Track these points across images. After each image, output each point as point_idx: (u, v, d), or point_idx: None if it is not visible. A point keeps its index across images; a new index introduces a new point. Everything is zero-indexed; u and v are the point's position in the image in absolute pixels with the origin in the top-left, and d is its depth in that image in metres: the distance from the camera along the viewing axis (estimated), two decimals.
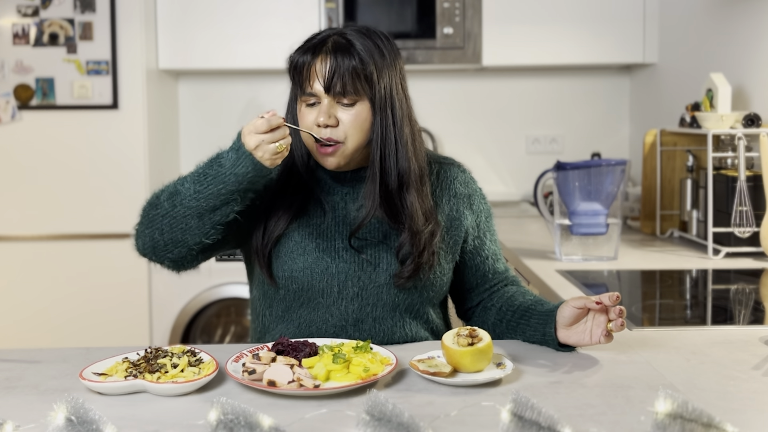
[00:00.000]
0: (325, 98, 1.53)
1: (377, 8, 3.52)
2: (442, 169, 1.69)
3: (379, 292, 1.57)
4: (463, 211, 1.66)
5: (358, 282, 1.57)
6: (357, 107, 1.54)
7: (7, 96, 3.28)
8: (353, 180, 1.63)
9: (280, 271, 1.59)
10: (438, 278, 1.62)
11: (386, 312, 1.59)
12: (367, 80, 1.53)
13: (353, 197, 1.62)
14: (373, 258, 1.58)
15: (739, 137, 2.46)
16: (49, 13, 3.26)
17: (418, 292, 1.60)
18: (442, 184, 1.67)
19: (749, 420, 1.19)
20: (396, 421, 1.05)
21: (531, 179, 3.70)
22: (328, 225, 1.60)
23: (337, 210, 1.61)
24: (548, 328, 1.49)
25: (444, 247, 1.63)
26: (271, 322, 1.64)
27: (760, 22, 2.65)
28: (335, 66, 1.51)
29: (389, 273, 1.57)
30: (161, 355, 1.40)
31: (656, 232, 2.92)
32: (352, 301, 1.57)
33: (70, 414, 1.09)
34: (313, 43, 1.56)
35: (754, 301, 2.11)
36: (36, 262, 3.33)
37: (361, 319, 1.58)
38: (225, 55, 3.52)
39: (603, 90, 3.94)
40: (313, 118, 1.54)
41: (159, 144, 3.53)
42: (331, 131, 1.53)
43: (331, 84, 1.51)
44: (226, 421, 1.07)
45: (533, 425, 1.05)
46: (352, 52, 1.52)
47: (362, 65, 1.52)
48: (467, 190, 1.69)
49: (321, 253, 1.57)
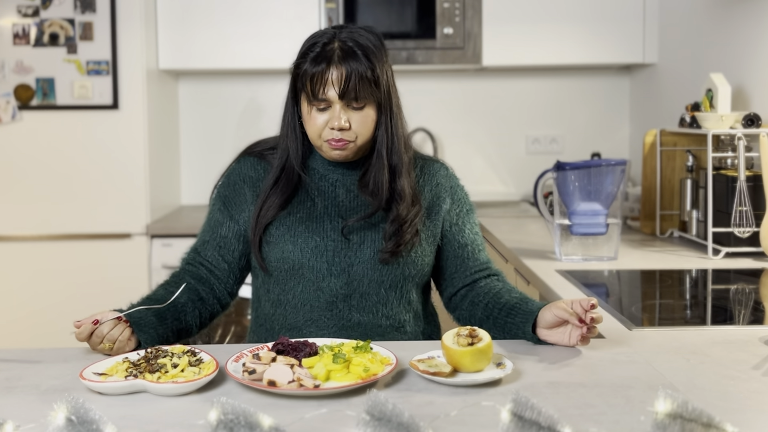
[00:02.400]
0: (338, 103, 1.63)
1: (377, 8, 3.52)
2: (426, 164, 1.81)
3: (365, 267, 1.68)
4: (444, 198, 1.78)
5: (346, 258, 1.68)
6: (366, 109, 1.65)
7: (7, 96, 3.29)
8: (343, 168, 1.74)
9: (272, 254, 1.70)
10: (419, 258, 1.71)
11: (372, 288, 1.69)
12: (375, 84, 1.64)
13: (343, 183, 1.73)
14: (358, 237, 1.69)
15: (739, 137, 2.46)
16: (49, 14, 3.27)
17: (400, 269, 1.69)
18: (425, 176, 1.79)
19: (749, 420, 1.20)
20: (396, 421, 1.05)
21: (531, 179, 3.70)
22: (318, 210, 1.72)
23: (326, 195, 1.73)
24: (527, 327, 1.57)
25: (425, 231, 1.73)
26: (269, 308, 1.74)
27: (760, 22, 2.65)
28: (349, 74, 1.61)
29: (374, 250, 1.68)
30: (161, 355, 1.40)
31: (656, 232, 2.92)
32: (339, 277, 1.67)
33: (70, 414, 1.09)
34: (321, 52, 1.63)
35: (754, 301, 2.11)
36: (36, 262, 3.33)
37: (349, 294, 1.68)
38: (225, 55, 3.52)
39: (603, 90, 3.94)
40: (324, 121, 1.64)
41: (159, 144, 3.53)
42: (343, 133, 1.64)
43: (346, 91, 1.61)
44: (226, 421, 1.07)
45: (533, 425, 1.05)
46: (360, 58, 1.62)
47: (371, 71, 1.63)
48: (449, 182, 1.81)
49: (311, 233, 1.69)
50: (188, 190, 3.92)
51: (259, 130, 3.88)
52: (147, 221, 3.35)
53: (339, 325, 1.68)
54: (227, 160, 1.89)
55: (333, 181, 1.74)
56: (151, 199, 3.38)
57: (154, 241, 3.34)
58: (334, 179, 1.74)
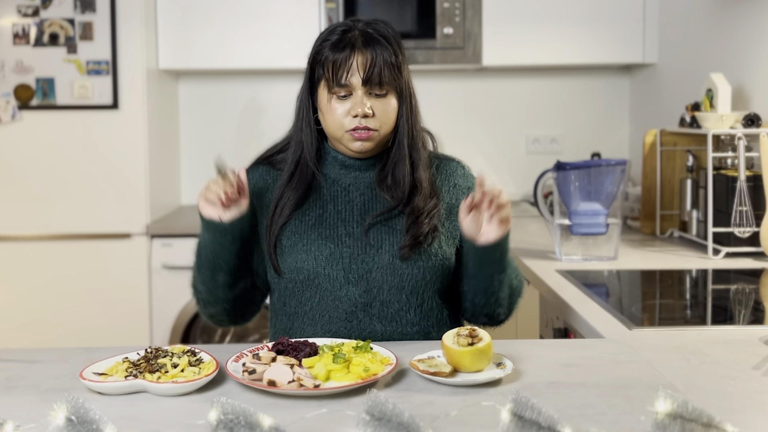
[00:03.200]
0: (359, 90, 1.58)
1: (377, 8, 3.52)
2: (442, 163, 1.75)
3: (384, 273, 1.61)
4: (462, 200, 1.69)
5: (363, 264, 1.60)
6: (388, 97, 1.61)
7: (7, 96, 3.28)
8: (356, 170, 1.68)
9: (286, 264, 1.63)
10: (440, 260, 1.64)
11: (392, 295, 1.61)
12: (398, 70, 1.61)
13: (356, 186, 1.67)
14: (375, 241, 1.62)
15: (739, 137, 2.46)
16: (49, 13, 3.27)
17: (421, 274, 1.62)
18: (442, 176, 1.73)
19: (749, 420, 1.20)
20: (396, 421, 1.05)
21: (531, 179, 3.70)
22: (330, 214, 1.65)
23: (340, 200, 1.67)
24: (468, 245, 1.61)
25: (445, 233, 1.67)
26: (286, 321, 1.67)
27: (760, 22, 2.65)
28: (374, 58, 1.57)
29: (392, 254, 1.61)
30: (161, 355, 1.40)
31: (656, 232, 2.92)
32: (357, 284, 1.60)
33: (70, 414, 1.09)
34: (342, 38, 1.60)
35: (754, 301, 2.11)
36: (36, 262, 3.33)
37: (369, 303, 1.61)
38: (225, 55, 3.52)
39: (603, 90, 3.94)
40: (345, 110, 1.59)
41: (159, 144, 3.53)
42: (367, 121, 1.59)
43: (371, 76, 1.57)
44: (226, 421, 1.07)
45: (533, 425, 1.05)
46: (383, 43, 1.59)
47: (395, 56, 1.60)
48: (467, 183, 1.75)
49: (324, 240, 1.62)
50: (188, 190, 3.92)
51: (259, 130, 3.88)
52: (147, 221, 3.35)
53: (361, 337, 1.60)
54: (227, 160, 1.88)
55: (346, 186, 1.68)
56: (151, 199, 3.38)
57: (154, 241, 3.34)
58: (347, 183, 1.68)
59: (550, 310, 2.21)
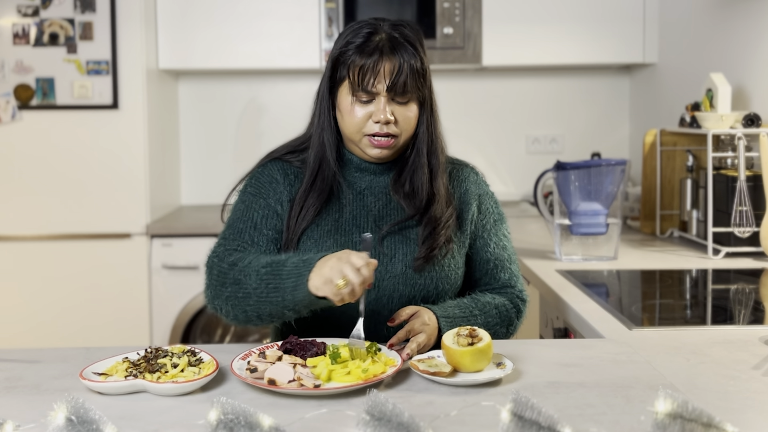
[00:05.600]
0: (383, 96, 1.56)
1: (377, 8, 3.51)
2: (455, 169, 1.73)
3: (396, 282, 1.60)
4: (471, 206, 1.70)
5: (375, 272, 1.57)
6: (410, 104, 1.59)
7: (7, 96, 3.28)
8: (371, 174, 1.66)
9: None
10: (453, 271, 1.64)
11: (403, 303, 1.60)
12: (423, 78, 1.58)
13: (371, 191, 1.66)
14: (389, 250, 1.61)
15: (739, 137, 2.46)
16: (49, 13, 3.26)
17: (433, 284, 1.61)
18: (455, 182, 1.71)
19: (749, 420, 1.20)
20: (396, 421, 1.05)
21: (531, 179, 3.70)
22: (346, 220, 1.63)
23: (354, 205, 1.64)
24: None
25: (456, 241, 1.66)
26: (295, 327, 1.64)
27: (760, 22, 2.65)
28: (401, 65, 1.54)
29: (405, 264, 1.60)
30: (161, 354, 1.40)
31: (656, 232, 2.92)
32: (368, 292, 1.58)
33: (70, 414, 1.09)
34: (368, 41, 1.56)
35: (754, 301, 2.11)
36: (36, 262, 3.33)
37: (378, 311, 1.60)
38: (225, 55, 3.52)
39: (603, 90, 3.94)
40: (366, 114, 1.57)
41: (159, 144, 3.53)
42: (388, 127, 1.57)
43: (396, 83, 1.55)
44: (226, 420, 1.07)
45: (533, 425, 1.05)
46: (410, 50, 1.56)
47: (420, 63, 1.57)
48: (478, 189, 1.73)
49: (339, 247, 1.60)
50: (188, 190, 3.92)
51: (259, 130, 3.88)
52: (147, 221, 3.35)
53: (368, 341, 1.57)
54: (227, 160, 1.87)
55: (361, 189, 1.66)
56: (151, 199, 3.38)
57: (154, 241, 3.34)
58: (362, 187, 1.66)
59: (550, 310, 2.21)
